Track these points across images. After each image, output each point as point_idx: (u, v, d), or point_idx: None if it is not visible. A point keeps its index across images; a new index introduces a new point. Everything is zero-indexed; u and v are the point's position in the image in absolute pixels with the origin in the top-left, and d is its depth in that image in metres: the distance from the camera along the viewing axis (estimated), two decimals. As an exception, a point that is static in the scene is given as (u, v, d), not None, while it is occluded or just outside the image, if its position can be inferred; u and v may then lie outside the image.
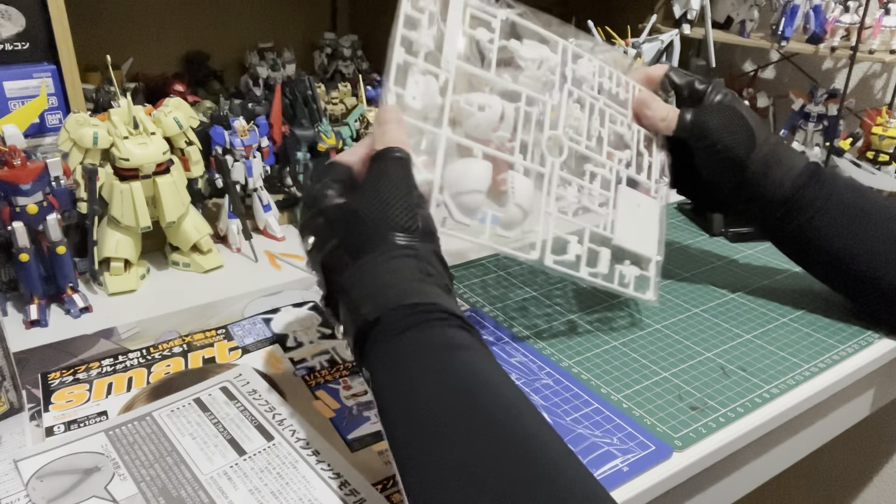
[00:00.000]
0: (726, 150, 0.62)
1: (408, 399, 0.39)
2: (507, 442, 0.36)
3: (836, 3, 1.03)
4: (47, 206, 0.65)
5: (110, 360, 0.59)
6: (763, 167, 0.62)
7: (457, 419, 0.37)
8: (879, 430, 1.17)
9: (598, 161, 0.61)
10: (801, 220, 0.63)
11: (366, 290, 0.43)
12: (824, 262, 0.65)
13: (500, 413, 0.38)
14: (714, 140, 0.62)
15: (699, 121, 0.63)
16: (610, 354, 0.61)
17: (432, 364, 0.40)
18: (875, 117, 1.02)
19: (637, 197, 0.64)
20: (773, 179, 0.62)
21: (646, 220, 0.64)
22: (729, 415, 0.54)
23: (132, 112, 0.69)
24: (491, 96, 0.56)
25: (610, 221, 0.61)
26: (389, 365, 0.41)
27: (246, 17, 1.15)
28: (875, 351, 0.63)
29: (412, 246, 0.45)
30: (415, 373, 0.40)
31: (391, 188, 0.46)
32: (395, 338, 0.41)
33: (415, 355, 0.40)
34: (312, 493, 0.45)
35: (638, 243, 0.63)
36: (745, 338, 0.64)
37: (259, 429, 0.51)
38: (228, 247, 0.82)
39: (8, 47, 0.70)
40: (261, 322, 0.65)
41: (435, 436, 0.37)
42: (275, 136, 0.86)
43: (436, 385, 0.39)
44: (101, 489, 0.45)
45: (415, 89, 0.53)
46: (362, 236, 0.45)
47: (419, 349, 0.40)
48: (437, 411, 0.38)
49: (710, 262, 0.80)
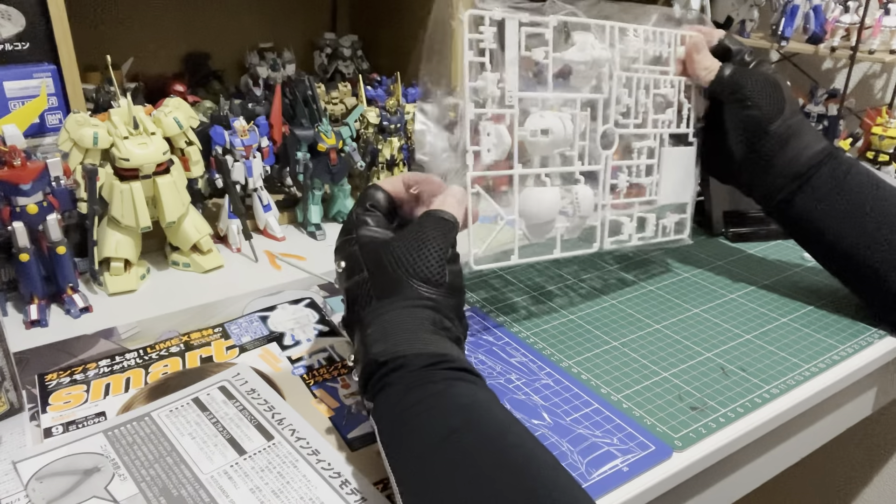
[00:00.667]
0: (754, 107, 0.64)
1: (407, 427, 0.41)
2: (505, 464, 0.37)
3: (836, 3, 1.03)
4: (47, 206, 0.65)
5: (107, 361, 0.59)
6: (783, 138, 0.64)
7: (454, 447, 0.39)
8: (879, 431, 1.17)
9: (645, 135, 0.65)
10: (810, 202, 0.63)
11: (382, 331, 0.45)
12: (828, 247, 0.65)
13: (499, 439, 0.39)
14: (744, 96, 0.64)
15: (737, 77, 0.65)
16: (610, 354, 0.61)
17: (434, 397, 0.42)
18: (875, 117, 1.02)
19: (676, 152, 0.68)
20: (790, 152, 0.64)
21: (684, 168, 0.69)
22: (729, 415, 0.54)
23: (132, 112, 0.69)
24: (550, 116, 0.57)
25: (654, 185, 0.66)
26: (391, 407, 0.43)
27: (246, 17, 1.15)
28: (875, 351, 0.63)
29: (433, 298, 0.47)
30: (416, 404, 0.42)
31: (430, 240, 0.48)
32: (400, 383, 0.43)
33: (416, 406, 0.42)
34: (313, 492, 0.45)
35: (679, 194, 0.68)
36: (745, 338, 0.64)
37: (259, 428, 0.51)
38: (228, 247, 0.82)
39: (8, 47, 0.70)
40: (258, 320, 0.65)
41: (433, 463, 0.38)
42: (275, 136, 0.86)
43: (435, 411, 0.41)
44: (101, 489, 0.45)
45: (488, 141, 0.54)
46: (390, 278, 0.47)
47: (421, 400, 0.42)
48: (436, 438, 0.39)
49: (710, 262, 0.80)
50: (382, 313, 0.46)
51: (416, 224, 0.50)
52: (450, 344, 0.46)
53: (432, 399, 0.42)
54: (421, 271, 0.47)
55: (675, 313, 0.68)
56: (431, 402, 0.41)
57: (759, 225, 0.87)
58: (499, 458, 0.38)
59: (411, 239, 0.48)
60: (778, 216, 0.68)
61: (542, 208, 0.57)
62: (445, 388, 0.42)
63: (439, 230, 0.49)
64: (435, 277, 0.47)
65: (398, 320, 0.46)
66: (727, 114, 0.67)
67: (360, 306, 0.48)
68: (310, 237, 0.86)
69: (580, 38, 0.60)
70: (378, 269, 0.48)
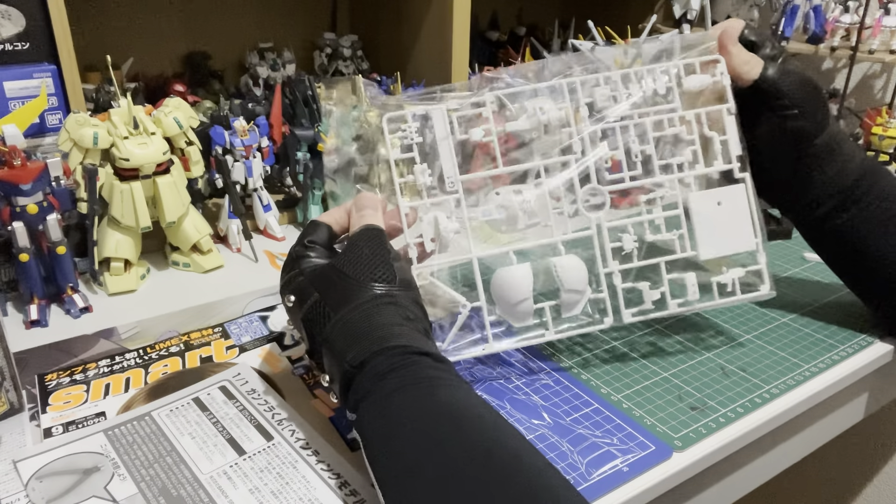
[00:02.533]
0: (801, 118, 0.57)
1: (393, 437, 0.40)
2: (492, 469, 0.37)
3: (836, 3, 1.03)
4: (47, 206, 0.65)
5: (107, 361, 0.59)
6: (827, 150, 0.58)
7: (440, 454, 0.38)
8: (879, 431, 1.17)
9: (652, 183, 0.57)
10: (854, 218, 0.59)
11: (349, 339, 0.45)
12: (860, 265, 0.62)
13: (484, 443, 0.38)
14: (792, 102, 0.57)
15: (781, 79, 0.57)
16: (610, 354, 0.61)
17: (415, 402, 0.41)
18: (875, 117, 1.02)
19: (714, 195, 0.58)
20: (833, 167, 0.58)
21: (733, 212, 0.58)
22: (729, 415, 0.54)
23: (132, 112, 0.69)
24: (504, 192, 0.55)
25: (680, 239, 0.57)
26: (374, 405, 0.42)
27: (246, 17, 1.15)
28: (875, 351, 0.63)
29: (391, 294, 0.47)
30: (399, 411, 0.41)
31: (368, 249, 0.49)
32: (380, 380, 0.42)
33: (398, 394, 0.41)
34: (312, 492, 0.45)
35: (730, 244, 0.57)
36: (745, 338, 0.64)
37: (258, 428, 0.51)
38: (228, 247, 0.82)
39: (8, 47, 0.70)
40: (257, 320, 0.65)
41: (420, 471, 0.38)
42: (275, 136, 0.86)
43: (419, 422, 0.40)
44: (100, 489, 0.45)
45: (429, 230, 0.54)
46: (343, 289, 0.47)
47: (402, 388, 0.41)
48: (422, 447, 0.39)
49: (710, 263, 0.80)
50: (345, 323, 0.45)
51: (349, 243, 0.50)
52: (419, 335, 0.45)
53: (415, 406, 0.41)
54: (370, 274, 0.47)
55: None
56: (414, 410, 0.41)
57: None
58: (487, 468, 0.37)
59: (350, 253, 0.49)
60: (811, 230, 0.63)
61: (512, 288, 0.54)
62: (428, 392, 0.41)
63: (367, 238, 0.49)
64: (386, 275, 0.47)
65: (362, 321, 0.45)
66: (765, 121, 0.59)
67: (320, 327, 0.47)
68: (310, 237, 0.86)
69: (531, 105, 0.56)
70: (328, 287, 0.47)
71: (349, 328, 0.45)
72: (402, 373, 0.42)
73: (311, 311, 0.47)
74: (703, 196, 0.57)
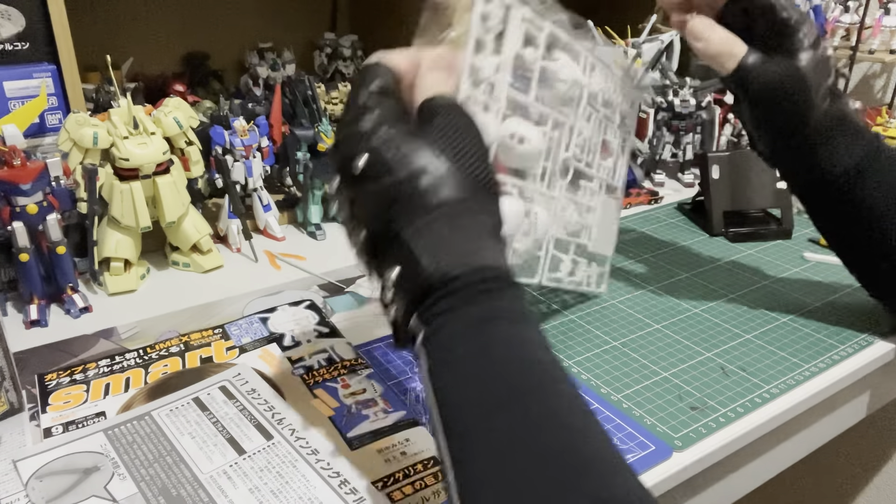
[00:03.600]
0: (781, 112, 0.56)
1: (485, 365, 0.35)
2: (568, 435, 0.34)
3: (836, 3, 1.03)
4: (47, 206, 0.65)
5: (107, 361, 0.59)
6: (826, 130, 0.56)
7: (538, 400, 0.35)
8: (879, 430, 1.17)
9: (591, 175, 0.62)
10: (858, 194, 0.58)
11: (444, 247, 0.37)
12: (867, 240, 0.60)
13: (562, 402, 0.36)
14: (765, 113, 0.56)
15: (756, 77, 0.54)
16: (610, 354, 0.61)
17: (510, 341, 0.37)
18: (875, 117, 1.02)
19: (609, 202, 0.67)
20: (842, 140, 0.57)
21: (610, 221, 0.68)
22: (729, 415, 0.54)
23: (132, 112, 0.69)
24: (528, 126, 0.52)
25: (590, 229, 0.64)
26: (461, 324, 0.36)
27: (246, 18, 1.15)
28: (875, 351, 0.63)
29: (489, 199, 0.40)
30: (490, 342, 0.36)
31: (466, 132, 0.39)
32: (465, 314, 0.36)
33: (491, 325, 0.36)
34: (312, 492, 0.45)
35: (605, 245, 0.67)
36: (745, 338, 0.64)
37: (258, 428, 0.51)
38: (228, 247, 0.82)
39: (8, 47, 0.70)
40: (258, 321, 0.65)
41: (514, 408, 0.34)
42: (275, 136, 0.86)
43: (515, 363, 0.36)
44: (100, 489, 0.45)
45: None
46: (439, 180, 0.37)
47: (495, 319, 0.37)
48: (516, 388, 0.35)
49: (710, 262, 0.80)
50: (453, 215, 0.37)
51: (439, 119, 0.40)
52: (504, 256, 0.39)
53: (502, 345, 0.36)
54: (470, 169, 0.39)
55: (675, 313, 0.68)
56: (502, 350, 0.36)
57: (759, 225, 0.87)
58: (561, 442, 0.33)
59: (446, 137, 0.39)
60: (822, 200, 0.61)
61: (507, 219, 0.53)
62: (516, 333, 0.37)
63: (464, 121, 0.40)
64: (486, 175, 0.39)
65: (458, 230, 0.37)
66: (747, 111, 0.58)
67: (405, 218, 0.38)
68: (310, 237, 0.86)
69: (563, 57, 0.56)
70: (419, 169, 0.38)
71: (445, 234, 0.37)
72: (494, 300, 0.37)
73: (395, 191, 0.38)
74: (609, 201, 0.67)
